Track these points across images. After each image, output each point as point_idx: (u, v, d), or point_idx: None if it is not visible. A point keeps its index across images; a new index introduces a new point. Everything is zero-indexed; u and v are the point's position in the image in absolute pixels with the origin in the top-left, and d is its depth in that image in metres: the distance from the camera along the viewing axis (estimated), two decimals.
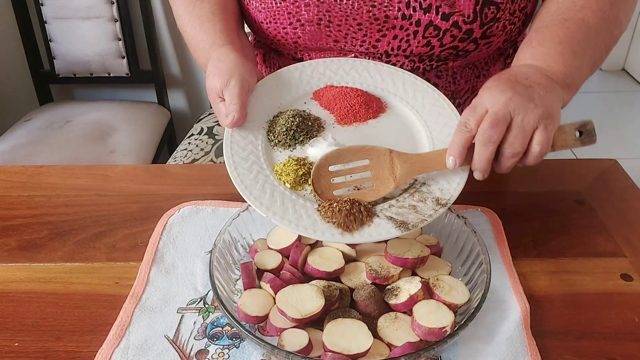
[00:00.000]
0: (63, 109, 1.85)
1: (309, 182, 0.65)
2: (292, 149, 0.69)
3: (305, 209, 0.62)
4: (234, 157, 0.66)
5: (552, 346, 0.60)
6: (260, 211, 0.62)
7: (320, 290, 0.60)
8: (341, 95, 0.74)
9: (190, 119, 2.08)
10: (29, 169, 0.93)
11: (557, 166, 0.91)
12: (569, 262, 0.71)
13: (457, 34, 0.79)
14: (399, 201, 0.64)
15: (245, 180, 0.64)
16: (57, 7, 1.76)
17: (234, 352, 0.60)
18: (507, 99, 0.62)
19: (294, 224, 0.61)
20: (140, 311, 0.65)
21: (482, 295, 0.59)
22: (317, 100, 0.75)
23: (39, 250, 0.75)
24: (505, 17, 0.80)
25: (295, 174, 0.65)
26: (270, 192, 0.63)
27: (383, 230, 0.61)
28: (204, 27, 0.81)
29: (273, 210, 0.62)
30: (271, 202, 0.62)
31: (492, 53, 0.88)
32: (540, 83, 0.66)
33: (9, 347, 0.61)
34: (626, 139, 2.56)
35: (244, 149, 0.67)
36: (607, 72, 3.14)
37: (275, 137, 0.69)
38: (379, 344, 0.58)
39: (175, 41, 1.96)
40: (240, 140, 0.68)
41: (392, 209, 0.63)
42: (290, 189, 0.64)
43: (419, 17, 0.78)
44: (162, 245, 0.74)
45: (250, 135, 0.69)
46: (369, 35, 0.82)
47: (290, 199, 0.63)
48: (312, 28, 0.82)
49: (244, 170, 0.65)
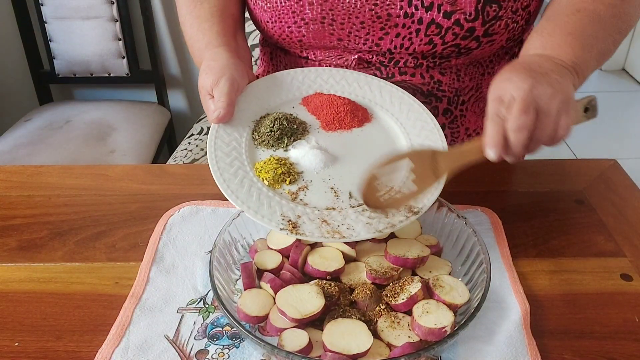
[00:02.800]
0: (63, 109, 1.85)
1: (287, 181, 0.67)
2: (275, 149, 0.71)
3: (280, 205, 0.64)
4: (217, 152, 0.68)
5: (552, 346, 0.60)
6: (236, 204, 0.63)
7: (320, 290, 0.60)
8: (328, 102, 0.76)
9: (190, 119, 2.08)
10: (28, 169, 0.93)
11: (557, 166, 0.91)
12: (569, 262, 0.71)
13: (459, 31, 0.80)
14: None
15: (224, 174, 0.66)
16: (57, 7, 1.76)
17: (234, 352, 0.60)
18: (531, 87, 0.62)
19: (267, 219, 0.62)
20: (140, 311, 0.65)
21: (482, 295, 0.59)
22: (305, 106, 0.77)
23: (39, 250, 0.75)
24: (508, 15, 0.80)
25: (275, 172, 0.67)
26: (248, 187, 0.65)
27: (353, 233, 0.62)
28: (202, 27, 0.83)
29: (248, 204, 0.63)
30: (247, 196, 0.64)
31: (497, 51, 0.88)
32: (553, 70, 0.66)
33: (9, 347, 0.61)
34: (626, 139, 2.56)
35: (227, 144, 0.69)
36: (607, 72, 3.14)
37: (259, 137, 0.71)
38: (379, 344, 0.58)
39: (175, 41, 1.96)
40: (225, 136, 0.70)
41: (366, 212, 0.64)
42: (268, 186, 0.66)
43: (421, 15, 0.79)
44: (162, 245, 0.74)
45: (235, 132, 0.71)
46: (372, 33, 0.82)
47: (267, 195, 0.65)
48: (316, 26, 0.83)
49: (225, 164, 0.67)
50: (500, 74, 0.67)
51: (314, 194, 0.66)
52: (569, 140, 2.46)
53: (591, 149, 2.45)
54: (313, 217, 0.63)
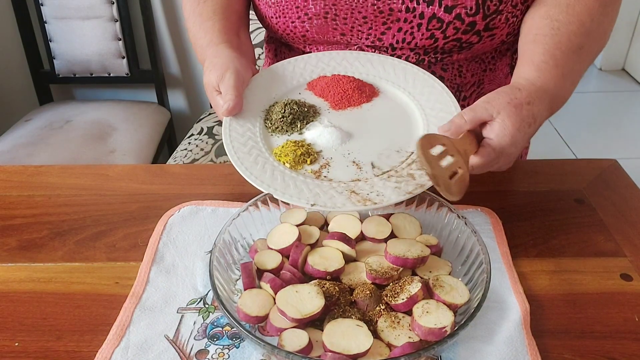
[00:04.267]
0: (63, 109, 1.85)
1: (307, 161, 0.68)
2: (290, 134, 0.72)
3: (306, 184, 0.65)
4: (233, 142, 0.69)
5: (552, 346, 0.60)
6: (262, 188, 0.64)
7: (320, 290, 0.60)
8: (334, 82, 0.78)
9: (190, 119, 2.08)
10: (29, 169, 0.93)
11: (557, 166, 0.91)
12: (569, 262, 0.72)
13: (460, 26, 0.81)
14: (397, 171, 0.66)
15: (245, 162, 0.67)
16: (57, 7, 1.76)
17: (234, 352, 0.60)
18: (512, 141, 0.65)
19: (296, 197, 0.63)
20: (140, 311, 0.65)
21: (482, 295, 0.59)
22: (311, 90, 0.79)
23: (39, 250, 0.75)
24: (508, 10, 0.81)
25: (294, 154, 0.68)
26: (271, 172, 0.66)
27: (384, 198, 0.63)
28: (204, 25, 0.85)
29: (274, 186, 0.64)
30: (272, 180, 0.65)
31: (497, 46, 0.89)
32: (541, 114, 0.70)
33: (9, 347, 0.61)
34: (626, 139, 2.56)
35: (242, 135, 0.71)
36: (607, 72, 3.14)
37: (272, 124, 0.72)
38: (379, 344, 0.58)
39: (175, 41, 1.97)
40: (238, 127, 0.71)
41: (392, 178, 0.65)
42: (290, 168, 0.67)
43: (422, 9, 0.80)
44: (162, 245, 0.74)
45: (247, 123, 0.72)
46: (374, 28, 0.84)
47: (291, 177, 0.66)
48: (319, 21, 0.84)
49: (244, 154, 0.68)
50: (506, 93, 0.67)
51: (336, 169, 0.68)
52: (569, 141, 2.46)
53: (591, 149, 2.45)
54: (340, 190, 0.65)
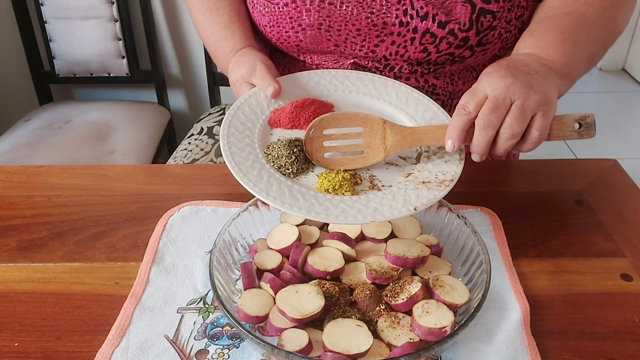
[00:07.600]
0: (63, 109, 1.85)
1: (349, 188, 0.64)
2: (297, 177, 0.66)
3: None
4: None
5: (552, 346, 0.60)
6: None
7: (320, 290, 0.60)
8: (297, 109, 0.71)
9: (190, 119, 2.08)
10: (29, 169, 0.93)
11: (557, 166, 0.91)
12: (568, 262, 0.71)
13: (453, 41, 0.81)
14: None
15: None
16: (57, 7, 1.76)
17: (234, 352, 0.60)
18: (508, 84, 0.62)
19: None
20: (140, 311, 0.65)
21: (482, 295, 0.59)
22: (277, 127, 0.71)
23: (39, 250, 0.75)
24: (502, 26, 0.81)
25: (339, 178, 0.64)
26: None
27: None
28: (224, 33, 0.86)
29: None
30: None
31: (490, 58, 0.89)
32: (538, 71, 0.66)
33: (9, 347, 0.61)
34: (626, 139, 2.56)
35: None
36: (607, 72, 3.14)
37: (281, 166, 0.66)
38: (379, 344, 0.58)
39: (176, 41, 1.96)
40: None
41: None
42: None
43: (416, 24, 0.80)
44: (162, 245, 0.74)
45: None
46: (368, 40, 0.83)
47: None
48: (313, 32, 0.84)
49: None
50: (487, 68, 0.67)
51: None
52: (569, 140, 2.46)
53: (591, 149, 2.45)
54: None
